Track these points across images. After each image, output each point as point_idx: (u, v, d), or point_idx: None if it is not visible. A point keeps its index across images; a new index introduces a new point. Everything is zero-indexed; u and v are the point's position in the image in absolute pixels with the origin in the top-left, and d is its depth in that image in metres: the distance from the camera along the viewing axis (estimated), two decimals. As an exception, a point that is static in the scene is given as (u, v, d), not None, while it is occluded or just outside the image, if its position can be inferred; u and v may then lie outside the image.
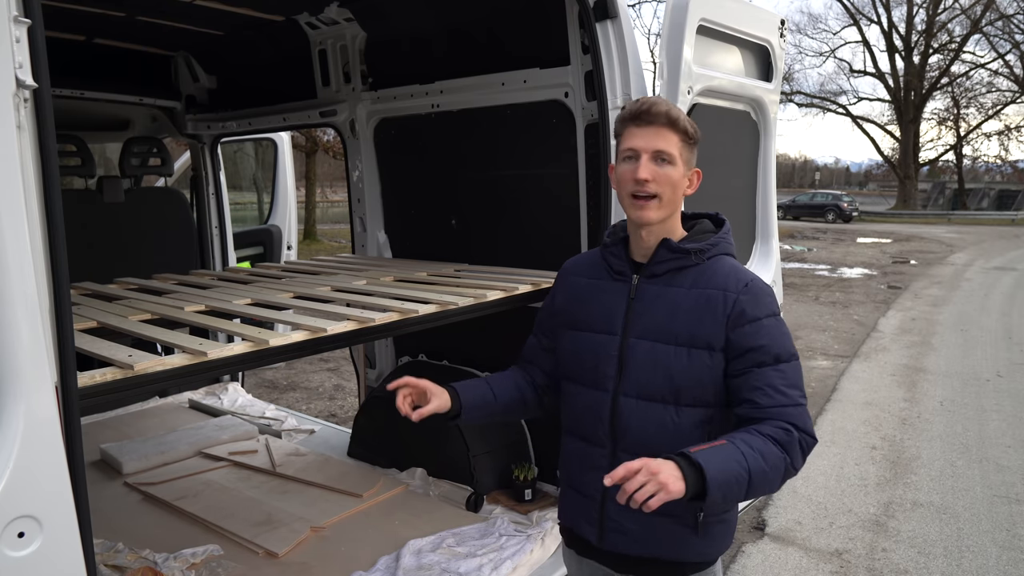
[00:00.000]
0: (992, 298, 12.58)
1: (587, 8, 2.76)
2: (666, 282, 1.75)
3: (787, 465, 1.59)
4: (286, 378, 7.35)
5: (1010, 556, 3.93)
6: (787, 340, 1.71)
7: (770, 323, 1.69)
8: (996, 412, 6.35)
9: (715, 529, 1.78)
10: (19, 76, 1.32)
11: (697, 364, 1.68)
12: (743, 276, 1.73)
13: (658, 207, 1.70)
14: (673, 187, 1.70)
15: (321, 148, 20.92)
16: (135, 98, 4.64)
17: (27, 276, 1.35)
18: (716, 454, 1.51)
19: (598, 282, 1.85)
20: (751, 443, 1.56)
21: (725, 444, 1.55)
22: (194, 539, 3.00)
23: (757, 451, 1.55)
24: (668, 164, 1.69)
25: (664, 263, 1.75)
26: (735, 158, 3.35)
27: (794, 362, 1.70)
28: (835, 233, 27.91)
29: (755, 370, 1.66)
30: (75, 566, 1.46)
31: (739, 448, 1.54)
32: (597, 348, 1.79)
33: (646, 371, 1.72)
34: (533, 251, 3.43)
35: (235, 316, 2.49)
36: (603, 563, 1.88)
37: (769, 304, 1.71)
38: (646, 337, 1.73)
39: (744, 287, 1.70)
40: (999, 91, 40.41)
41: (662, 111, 1.68)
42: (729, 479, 1.49)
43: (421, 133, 3.85)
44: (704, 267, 1.74)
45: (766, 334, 1.67)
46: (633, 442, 1.73)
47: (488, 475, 3.47)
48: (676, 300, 1.72)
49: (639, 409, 1.73)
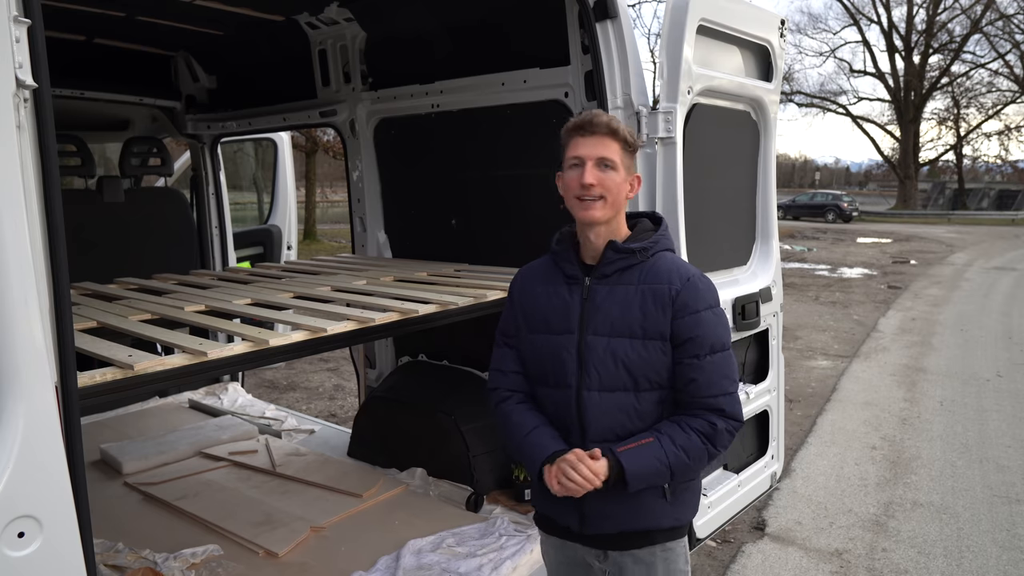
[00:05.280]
0: (992, 298, 12.58)
1: (587, 8, 2.76)
2: (615, 281, 1.88)
3: (709, 454, 1.85)
4: (286, 378, 7.35)
5: (1010, 556, 3.93)
6: (722, 331, 1.88)
7: (707, 315, 1.85)
8: (996, 412, 6.35)
9: (684, 496, 1.96)
10: (19, 76, 1.32)
11: (652, 353, 1.84)
12: (684, 271, 1.88)
13: (603, 207, 1.85)
14: (616, 190, 1.86)
15: (321, 148, 20.92)
16: (135, 98, 4.64)
17: (27, 276, 1.35)
18: (640, 455, 1.79)
19: (553, 287, 1.96)
20: (675, 439, 1.81)
21: (652, 442, 1.81)
22: (194, 539, 3.00)
23: (680, 447, 1.80)
24: (611, 169, 1.84)
25: (612, 263, 1.88)
26: (735, 158, 3.35)
27: (727, 352, 1.87)
28: (835, 233, 27.91)
29: (692, 360, 1.83)
30: (75, 566, 1.46)
31: (663, 447, 1.80)
32: (557, 348, 1.91)
33: (606, 365, 1.85)
34: (533, 251, 3.41)
35: (235, 316, 2.49)
36: (586, 544, 2.01)
37: (707, 297, 1.87)
38: (602, 333, 1.86)
39: (687, 281, 1.85)
40: (999, 91, 40.46)
41: (603, 122, 1.85)
42: (649, 472, 1.80)
43: (421, 133, 3.85)
44: (648, 264, 1.88)
45: (703, 325, 1.83)
46: (600, 430, 1.88)
47: (488, 475, 3.47)
48: (626, 297, 1.86)
49: (602, 401, 1.86)
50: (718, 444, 1.84)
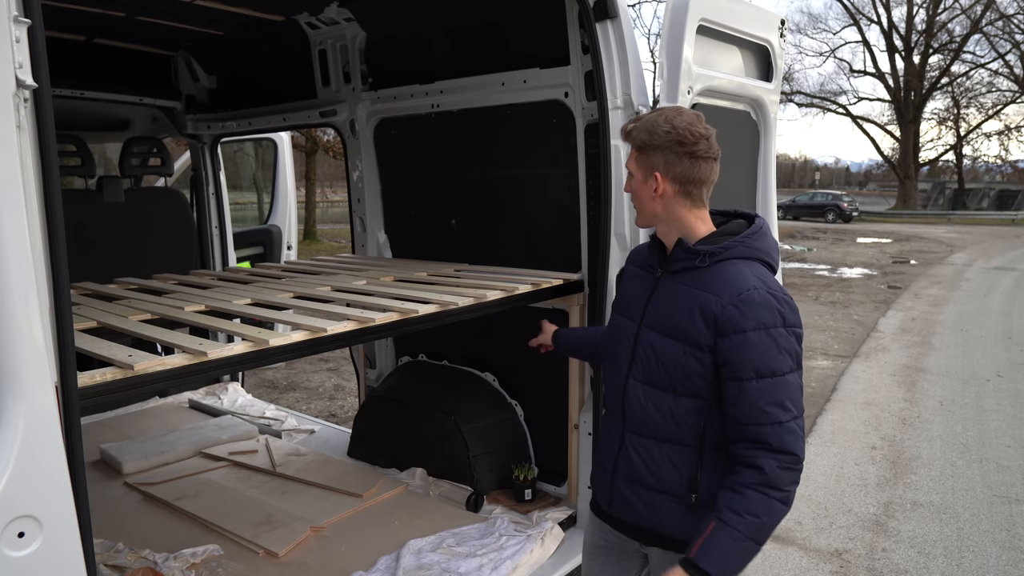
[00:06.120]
0: (992, 298, 12.57)
1: (587, 8, 2.76)
2: (679, 280, 1.83)
3: (777, 500, 1.68)
4: (286, 378, 7.35)
5: (1010, 556, 3.93)
6: (775, 354, 1.69)
7: (756, 336, 1.68)
8: (996, 412, 6.35)
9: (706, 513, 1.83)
10: (19, 76, 1.32)
11: (689, 361, 1.77)
12: (742, 285, 1.71)
13: (639, 216, 1.90)
14: (638, 196, 1.86)
15: (321, 148, 20.92)
16: (135, 98, 4.64)
17: (27, 276, 1.35)
18: (715, 548, 1.65)
19: (640, 271, 1.98)
20: (736, 508, 1.66)
21: (716, 527, 1.66)
22: (194, 539, 3.00)
23: (745, 513, 1.66)
24: (631, 177, 1.87)
25: (679, 261, 1.84)
26: (735, 158, 3.35)
27: (777, 378, 1.69)
28: (835, 233, 27.91)
29: (735, 383, 1.70)
30: (75, 566, 1.46)
31: (731, 526, 1.65)
32: (622, 332, 1.95)
33: (649, 359, 1.85)
34: (533, 251, 3.43)
35: (235, 316, 2.49)
36: (612, 527, 2.03)
37: (761, 316, 1.68)
38: (653, 328, 1.85)
39: (738, 296, 1.69)
40: (999, 91, 40.44)
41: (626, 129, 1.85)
42: (735, 556, 1.66)
43: (421, 133, 3.85)
44: (711, 270, 1.77)
45: (748, 346, 1.68)
46: (636, 423, 1.88)
47: (488, 475, 3.47)
48: (681, 298, 1.81)
49: (644, 393, 1.86)
50: (781, 487, 1.67)
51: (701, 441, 1.80)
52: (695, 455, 1.81)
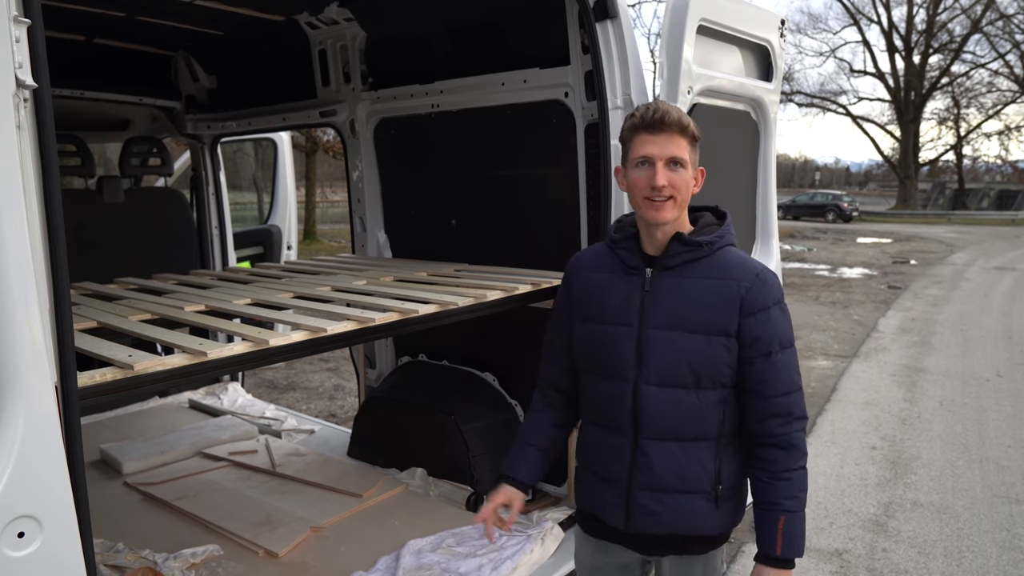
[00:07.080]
0: (992, 298, 12.57)
1: (587, 8, 2.76)
2: (679, 274, 1.83)
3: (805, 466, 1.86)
4: (286, 378, 7.35)
5: (1010, 556, 3.92)
6: (789, 327, 1.86)
7: (776, 311, 1.82)
8: (996, 412, 6.35)
9: (729, 504, 1.92)
10: (19, 76, 1.32)
11: (716, 350, 1.79)
12: (752, 267, 1.84)
13: (672, 208, 1.80)
14: (685, 189, 1.81)
15: (321, 148, 20.92)
16: (135, 98, 4.64)
17: (27, 276, 1.35)
18: (793, 537, 1.85)
19: (611, 276, 1.92)
20: (790, 494, 1.83)
21: (787, 520, 1.84)
22: (194, 539, 3.00)
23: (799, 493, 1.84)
24: (681, 168, 1.79)
25: (677, 256, 1.84)
26: (735, 158, 3.35)
27: (792, 348, 1.85)
28: (835, 233, 27.90)
29: (763, 358, 1.80)
30: (75, 566, 1.46)
31: (793, 511, 1.84)
32: (615, 340, 1.86)
33: (667, 359, 1.81)
34: (533, 251, 3.43)
35: (235, 316, 2.49)
36: (629, 546, 1.97)
37: (775, 293, 1.84)
38: (664, 327, 1.81)
39: (755, 277, 1.81)
40: (999, 91, 40.44)
41: (674, 119, 1.77)
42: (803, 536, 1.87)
43: (421, 133, 3.85)
44: (713, 258, 1.84)
45: (773, 322, 1.81)
46: (656, 428, 1.84)
47: (488, 475, 3.46)
48: (690, 290, 1.82)
49: (661, 395, 1.82)
50: (806, 452, 1.86)
51: (720, 432, 1.86)
52: (715, 447, 1.86)
